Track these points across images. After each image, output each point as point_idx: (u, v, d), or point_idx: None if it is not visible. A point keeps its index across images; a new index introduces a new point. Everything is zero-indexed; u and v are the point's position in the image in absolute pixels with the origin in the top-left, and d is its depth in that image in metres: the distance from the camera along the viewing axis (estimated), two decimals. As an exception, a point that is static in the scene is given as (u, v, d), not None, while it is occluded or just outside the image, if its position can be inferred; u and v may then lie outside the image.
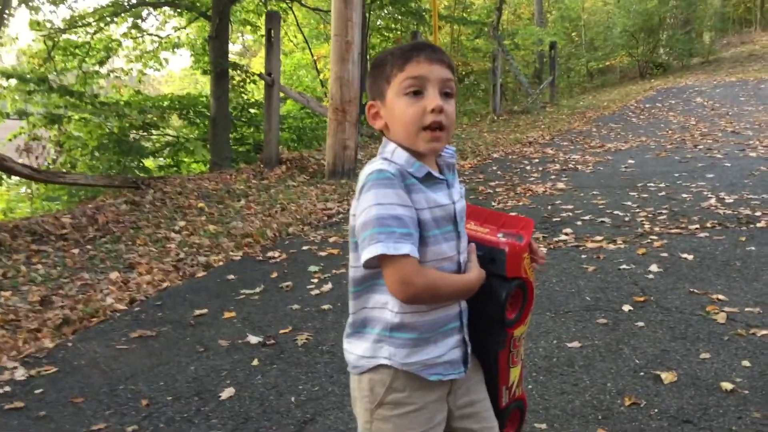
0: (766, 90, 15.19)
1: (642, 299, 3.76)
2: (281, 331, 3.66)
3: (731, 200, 5.88)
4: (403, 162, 1.41)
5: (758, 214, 5.34)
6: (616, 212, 5.75)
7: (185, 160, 12.91)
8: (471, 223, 1.55)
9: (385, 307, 1.44)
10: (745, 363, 2.95)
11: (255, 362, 3.29)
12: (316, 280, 4.48)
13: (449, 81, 1.44)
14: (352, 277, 1.48)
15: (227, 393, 2.99)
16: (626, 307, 3.65)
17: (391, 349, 1.43)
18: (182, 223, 6.11)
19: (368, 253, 1.33)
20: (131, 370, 3.29)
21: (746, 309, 3.52)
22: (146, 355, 3.47)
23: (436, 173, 1.45)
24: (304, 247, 5.30)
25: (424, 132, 1.40)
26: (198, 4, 12.44)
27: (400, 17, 16.70)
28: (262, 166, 8.55)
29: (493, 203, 6.46)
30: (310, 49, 17.90)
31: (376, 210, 1.33)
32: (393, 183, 1.35)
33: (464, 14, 21.41)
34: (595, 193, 6.65)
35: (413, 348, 1.43)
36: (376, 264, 1.35)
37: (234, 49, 29.61)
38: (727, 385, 2.76)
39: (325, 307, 3.97)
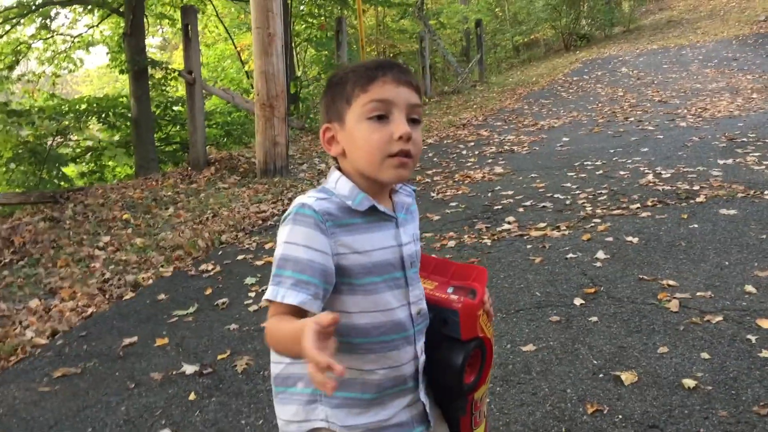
0: (687, 56, 15.50)
1: (593, 290, 3.65)
2: (219, 357, 3.41)
3: (668, 175, 5.87)
4: (345, 193, 1.24)
5: (696, 188, 5.32)
6: (556, 195, 5.67)
7: (109, 164, 12.31)
8: None
9: None
10: (704, 355, 2.86)
11: (192, 396, 3.04)
12: (253, 294, 4.23)
13: (417, 107, 1.27)
14: None
15: (163, 436, 2.73)
16: (578, 301, 3.54)
17: (327, 409, 1.25)
18: (107, 239, 5.74)
19: (266, 293, 1.22)
20: (55, 417, 3.00)
21: (697, 293, 3.45)
22: (71, 397, 3.17)
23: (383, 208, 1.27)
24: (239, 257, 5.02)
25: (390, 159, 1.22)
26: (109, 0, 11.80)
27: (323, 2, 16.34)
28: (189, 168, 8.18)
29: (432, 194, 6.30)
30: (232, 40, 17.35)
31: (283, 248, 1.20)
32: (309, 222, 1.19)
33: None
34: (533, 175, 6.56)
35: (353, 408, 1.25)
36: None
37: (154, 42, 28.60)
38: (689, 382, 2.66)
39: (265, 324, 3.72)
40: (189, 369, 3.29)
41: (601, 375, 2.82)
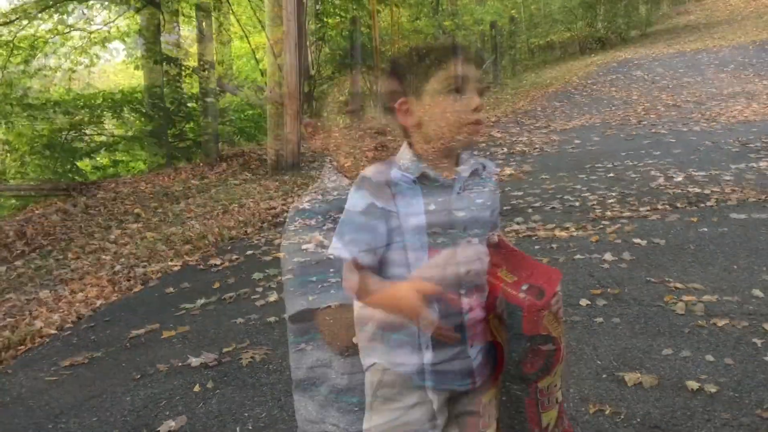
0: (703, 61, 15.39)
1: (599, 292, 3.64)
2: (224, 350, 3.43)
3: (680, 178, 5.84)
4: (406, 161, 1.40)
5: (707, 192, 5.30)
6: (566, 197, 5.65)
7: (123, 159, 12.40)
8: (503, 269, 1.45)
9: None
10: (709, 357, 2.85)
11: (196, 388, 3.06)
12: (260, 289, 4.25)
13: (480, 83, 1.44)
14: None
15: (166, 427, 2.75)
16: (584, 302, 3.53)
17: (382, 347, 1.41)
18: (117, 232, 5.78)
19: (329, 248, 1.38)
20: (61, 406, 3.03)
21: (704, 297, 3.43)
22: (78, 387, 3.20)
23: (434, 174, 1.39)
24: (248, 252, 5.05)
25: (467, 126, 1.39)
26: (126, -3, 11.89)
27: (338, 1, 16.36)
28: (201, 164, 8.22)
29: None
30: (247, 38, 17.41)
31: (345, 211, 1.38)
32: (370, 185, 1.35)
33: (403, -5, 21.09)
34: (544, 177, 6.55)
35: (401, 349, 1.39)
36: None
37: (171, 39, 28.74)
38: (692, 384, 2.65)
39: (271, 319, 3.74)
40: (194, 361, 3.32)
41: (604, 376, 2.82)
